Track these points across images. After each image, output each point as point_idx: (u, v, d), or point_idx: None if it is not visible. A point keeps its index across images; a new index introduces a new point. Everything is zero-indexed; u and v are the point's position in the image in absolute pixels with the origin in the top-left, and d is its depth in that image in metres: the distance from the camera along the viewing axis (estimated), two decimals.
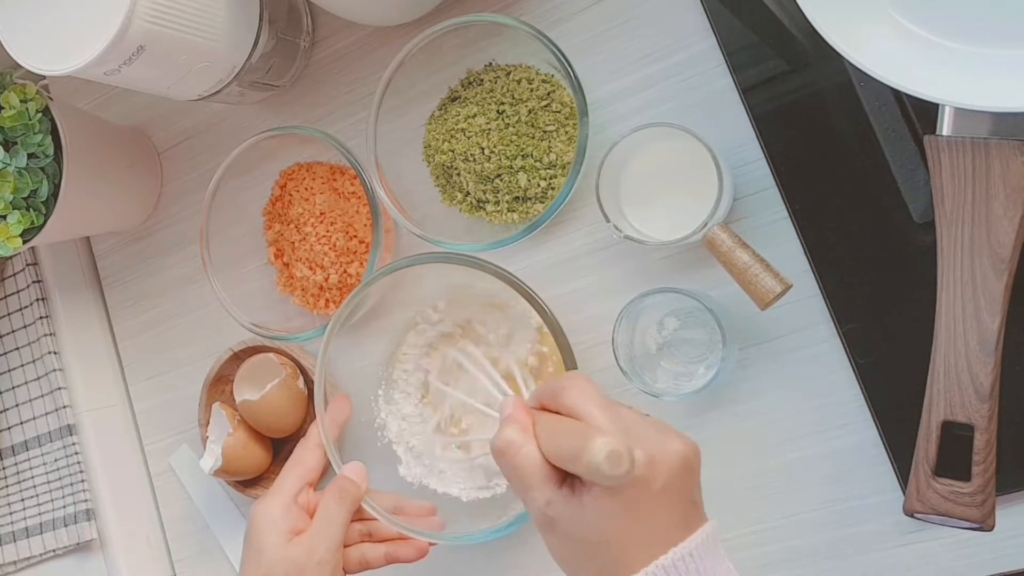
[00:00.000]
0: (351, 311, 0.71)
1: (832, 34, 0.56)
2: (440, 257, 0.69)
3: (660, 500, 0.47)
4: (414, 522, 0.70)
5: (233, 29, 0.72)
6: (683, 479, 0.48)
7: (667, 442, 0.48)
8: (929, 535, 0.63)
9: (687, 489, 0.48)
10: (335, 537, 0.65)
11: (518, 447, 0.48)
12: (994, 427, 0.55)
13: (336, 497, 0.67)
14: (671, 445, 0.48)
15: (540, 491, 0.48)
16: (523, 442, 0.49)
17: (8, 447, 0.91)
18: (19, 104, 0.77)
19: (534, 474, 0.48)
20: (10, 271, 0.92)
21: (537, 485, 0.48)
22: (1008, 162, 0.54)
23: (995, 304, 0.55)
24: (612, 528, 0.47)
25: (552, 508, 0.48)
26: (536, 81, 0.73)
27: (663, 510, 0.47)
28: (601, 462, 0.44)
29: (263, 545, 0.65)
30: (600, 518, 0.47)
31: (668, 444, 0.48)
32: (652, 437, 0.48)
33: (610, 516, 0.46)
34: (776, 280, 0.61)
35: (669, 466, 0.47)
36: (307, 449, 0.71)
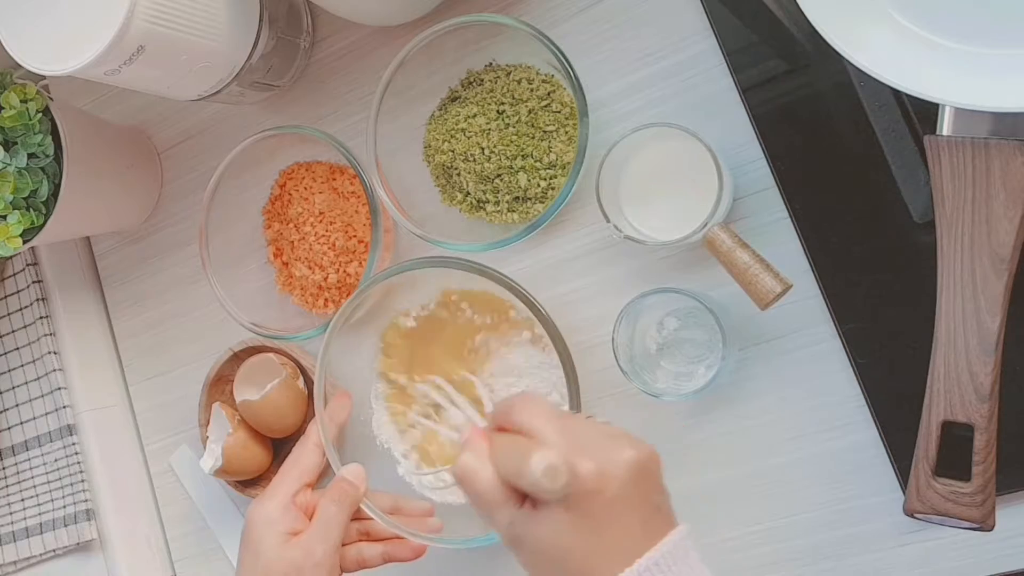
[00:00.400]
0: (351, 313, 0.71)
1: (832, 34, 0.56)
2: (442, 262, 0.69)
3: (616, 510, 0.47)
4: (411, 523, 0.70)
5: (233, 29, 0.72)
6: (637, 485, 0.47)
7: (617, 450, 0.48)
8: (929, 535, 0.63)
9: (645, 496, 0.48)
10: (333, 539, 0.65)
11: (475, 472, 0.49)
12: (994, 427, 0.55)
13: (335, 499, 0.67)
14: (621, 453, 0.47)
15: (501, 513, 0.48)
16: (479, 467, 0.49)
17: (8, 447, 0.91)
18: (19, 104, 0.77)
19: (493, 497, 0.48)
20: (10, 271, 0.92)
21: (497, 507, 0.48)
22: (1008, 162, 0.54)
23: (995, 304, 0.55)
24: (572, 542, 0.47)
25: (514, 528, 0.48)
26: (536, 81, 0.73)
27: (620, 519, 0.47)
28: (539, 478, 0.45)
29: (261, 546, 0.65)
30: (559, 533, 0.47)
31: (617, 452, 0.47)
32: (601, 446, 0.48)
33: (568, 530, 0.47)
34: (776, 280, 0.61)
35: (619, 475, 0.47)
36: (305, 449, 0.71)
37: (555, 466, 0.45)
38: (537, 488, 0.46)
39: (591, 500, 0.46)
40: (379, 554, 0.70)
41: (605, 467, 0.47)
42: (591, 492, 0.46)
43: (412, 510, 0.71)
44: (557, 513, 0.47)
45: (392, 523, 0.68)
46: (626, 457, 0.47)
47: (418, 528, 0.69)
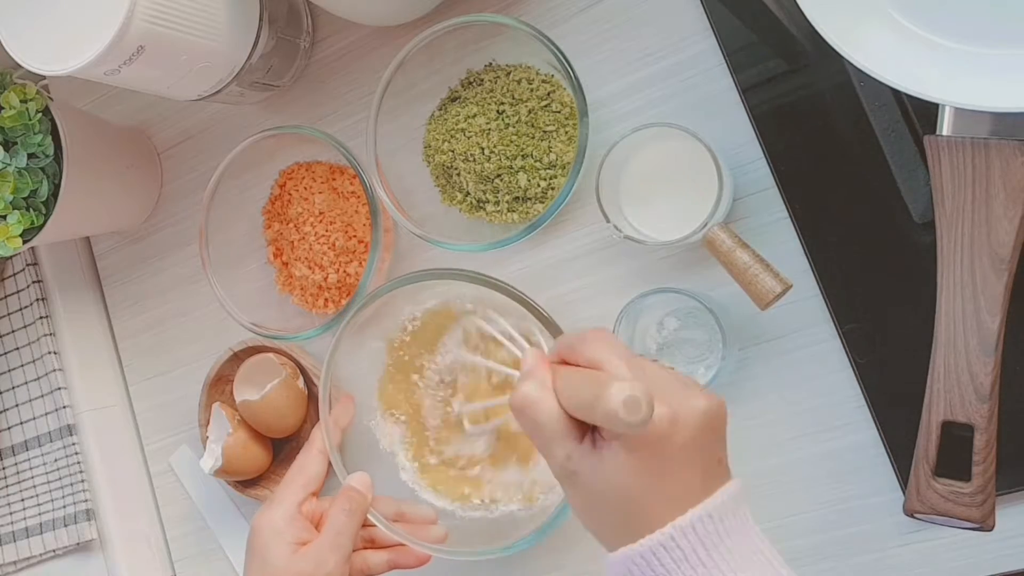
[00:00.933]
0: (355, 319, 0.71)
1: (832, 34, 0.56)
2: (454, 274, 0.68)
3: (681, 458, 0.46)
4: (414, 531, 0.69)
5: (233, 29, 0.72)
6: (706, 437, 0.46)
7: (691, 398, 0.46)
8: (929, 535, 0.63)
9: (710, 447, 0.47)
10: (344, 549, 0.65)
11: (536, 402, 0.47)
12: (994, 427, 0.55)
13: (346, 509, 0.66)
14: (694, 401, 0.46)
15: (560, 446, 0.47)
16: (542, 396, 0.47)
17: (8, 447, 0.91)
18: (19, 104, 0.77)
19: (554, 428, 0.47)
20: (10, 271, 0.92)
21: (557, 440, 0.47)
22: (1008, 162, 0.54)
23: (995, 304, 0.55)
24: (631, 484, 0.45)
25: (572, 463, 0.47)
26: (536, 81, 0.73)
27: (684, 468, 0.46)
28: (618, 408, 0.42)
29: (268, 556, 0.64)
30: (619, 474, 0.45)
31: (691, 400, 0.46)
32: (675, 392, 0.46)
33: (630, 472, 0.45)
34: (776, 280, 0.61)
35: (691, 423, 0.46)
36: (310, 457, 0.71)
37: (636, 398, 0.42)
38: (613, 420, 0.43)
39: (659, 445, 0.45)
40: (384, 562, 0.69)
41: (679, 413, 0.46)
42: (661, 437, 0.45)
43: (416, 516, 0.71)
44: (620, 454, 0.45)
45: (396, 531, 0.68)
46: (699, 405, 0.46)
47: (422, 535, 0.69)
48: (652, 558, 0.44)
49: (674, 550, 0.44)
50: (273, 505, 0.67)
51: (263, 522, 0.66)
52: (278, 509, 0.67)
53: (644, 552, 0.45)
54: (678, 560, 0.44)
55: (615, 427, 0.44)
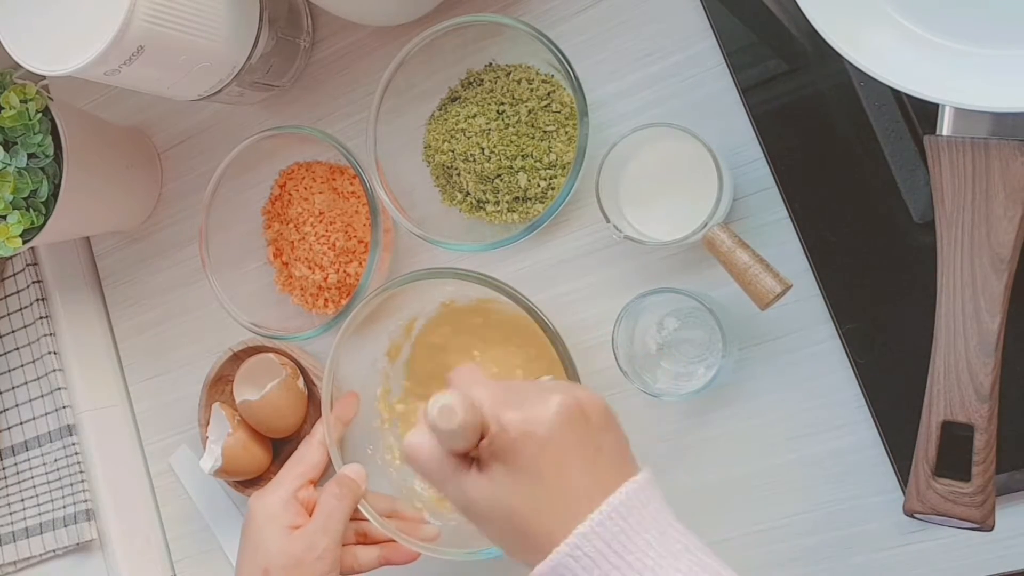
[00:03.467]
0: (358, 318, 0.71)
1: (832, 34, 0.56)
2: (455, 274, 0.68)
3: (548, 454, 0.45)
4: (406, 528, 0.69)
5: (233, 29, 0.72)
6: (570, 427, 0.46)
7: (543, 397, 0.47)
8: (929, 535, 0.63)
9: (579, 438, 0.46)
10: (335, 532, 0.65)
11: (417, 447, 0.48)
12: (994, 427, 0.55)
13: (336, 494, 0.67)
14: (547, 399, 0.46)
15: (449, 483, 0.48)
16: (420, 441, 0.48)
17: (8, 447, 0.91)
18: (19, 104, 0.77)
19: (438, 468, 0.48)
20: (10, 271, 0.92)
21: (446, 478, 0.48)
22: (1008, 162, 0.54)
23: (995, 304, 0.55)
24: (514, 498, 0.46)
25: (462, 495, 0.47)
26: (536, 81, 0.73)
27: (558, 465, 0.46)
28: (435, 418, 0.45)
29: (261, 538, 0.65)
30: (501, 491, 0.46)
31: (543, 399, 0.47)
32: (529, 397, 0.47)
33: (509, 485, 0.46)
34: (776, 280, 0.61)
35: (545, 418, 0.46)
36: (311, 446, 0.71)
37: (449, 405, 0.44)
38: (437, 431, 0.45)
39: (522, 448, 0.46)
40: (375, 557, 0.70)
41: (529, 413, 0.46)
42: (519, 439, 0.45)
43: (409, 514, 0.71)
44: (496, 471, 0.46)
45: (387, 526, 0.68)
46: (552, 401, 0.46)
47: (414, 533, 0.69)
48: (564, 570, 0.44)
49: (582, 558, 0.44)
50: (270, 489, 0.68)
51: (258, 505, 0.67)
52: (274, 493, 0.67)
53: (554, 566, 0.44)
54: (588, 567, 0.44)
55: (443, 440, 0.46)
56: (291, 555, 0.64)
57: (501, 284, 0.66)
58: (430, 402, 0.45)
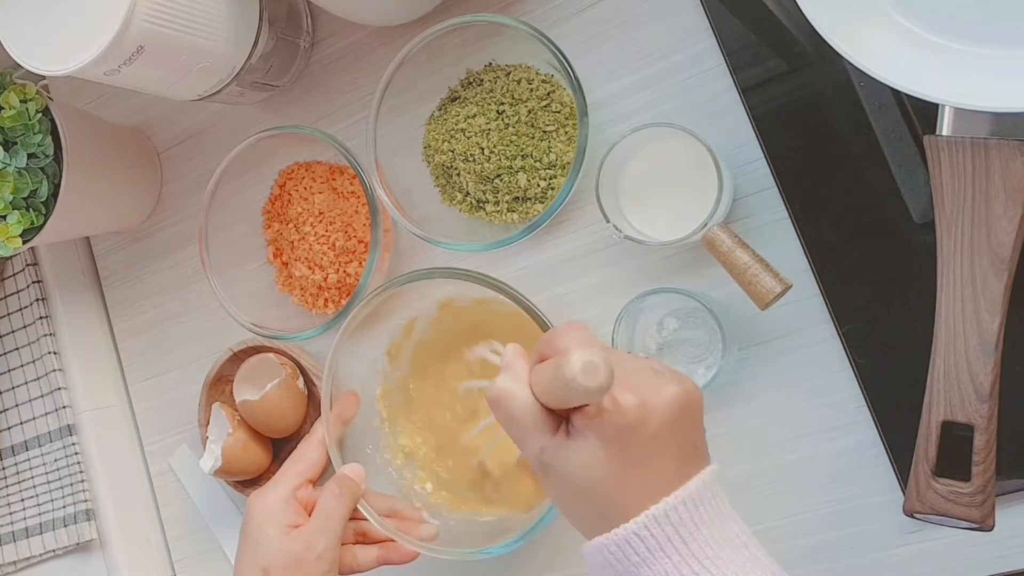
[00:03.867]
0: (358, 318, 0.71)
1: (832, 34, 0.56)
2: (456, 273, 0.68)
3: (653, 445, 0.46)
4: (405, 527, 0.69)
5: (233, 29, 0.72)
6: (678, 423, 0.46)
7: (661, 385, 0.46)
8: (929, 535, 0.63)
9: (683, 434, 0.47)
10: (334, 532, 0.65)
11: (510, 394, 0.48)
12: (994, 427, 0.55)
13: (336, 493, 0.67)
14: (665, 388, 0.46)
15: (534, 438, 0.47)
16: (515, 389, 0.48)
17: (8, 447, 0.91)
18: (19, 104, 0.77)
19: (527, 420, 0.47)
20: (10, 271, 0.92)
21: (531, 431, 0.47)
22: (1008, 162, 0.54)
23: (995, 304, 0.55)
24: (604, 475, 0.46)
25: (546, 454, 0.47)
26: (536, 81, 0.73)
27: (657, 456, 0.46)
28: (576, 373, 0.42)
29: (261, 537, 0.65)
30: (592, 464, 0.46)
31: (661, 388, 0.46)
32: (645, 380, 0.47)
33: (602, 462, 0.46)
34: (776, 280, 0.61)
35: (661, 410, 0.46)
36: (311, 445, 0.71)
37: (595, 363, 0.42)
38: (574, 388, 0.43)
39: (630, 434, 0.45)
40: (374, 557, 0.70)
41: (648, 401, 0.46)
42: (631, 425, 0.45)
43: (408, 513, 0.71)
44: (593, 444, 0.46)
45: (386, 525, 0.68)
46: (670, 393, 0.46)
47: (413, 533, 0.69)
48: (627, 547, 0.45)
49: (648, 539, 0.44)
50: (269, 488, 0.68)
51: (258, 504, 0.67)
52: (274, 492, 0.67)
53: (619, 541, 0.45)
54: (652, 549, 0.44)
55: (575, 396, 0.44)
56: (290, 554, 0.64)
57: (501, 284, 0.66)
58: (573, 357, 0.43)
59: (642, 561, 0.44)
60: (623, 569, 0.45)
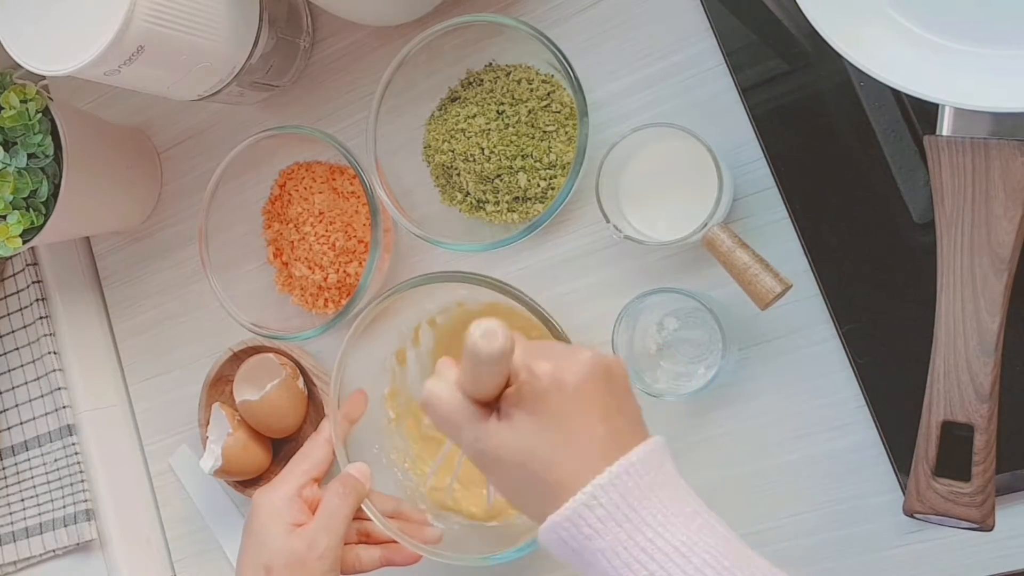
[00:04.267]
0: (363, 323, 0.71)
1: (832, 34, 0.56)
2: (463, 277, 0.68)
3: (574, 404, 0.47)
4: (409, 528, 0.69)
5: (233, 29, 0.72)
6: (596, 382, 0.48)
7: (575, 352, 0.49)
8: (929, 535, 0.63)
9: (603, 396, 0.48)
10: (337, 531, 0.65)
11: (437, 394, 0.50)
12: (994, 427, 0.55)
13: (340, 492, 0.67)
14: (579, 354, 0.48)
15: (467, 430, 0.49)
16: (441, 388, 0.50)
17: (8, 447, 0.91)
18: (19, 104, 0.77)
19: (458, 416, 0.49)
20: (10, 271, 0.92)
21: (463, 425, 0.49)
22: (1008, 162, 0.54)
23: (995, 304, 0.55)
24: (534, 442, 0.47)
25: (480, 442, 0.48)
26: (536, 81, 0.73)
27: (581, 418, 0.47)
28: (476, 340, 0.45)
29: (265, 535, 0.65)
30: (522, 436, 0.47)
31: (575, 353, 0.48)
32: (560, 351, 0.49)
33: (531, 431, 0.47)
34: (776, 280, 0.61)
35: (576, 370, 0.47)
36: (317, 444, 0.71)
37: (492, 328, 0.45)
38: (474, 355, 0.45)
39: (550, 397, 0.47)
40: (377, 558, 0.70)
41: (561, 363, 0.48)
42: (548, 389, 0.47)
43: (412, 515, 0.71)
44: (520, 419, 0.47)
45: (390, 527, 0.68)
46: (585, 355, 0.48)
47: (417, 535, 0.69)
48: (579, 520, 0.45)
49: (596, 508, 0.45)
50: (274, 485, 0.68)
51: (263, 501, 0.67)
52: (279, 490, 0.67)
53: (570, 515, 0.45)
54: (603, 518, 0.45)
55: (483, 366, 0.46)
56: (293, 553, 0.64)
57: (514, 289, 0.66)
58: (472, 326, 0.45)
59: (595, 533, 0.45)
60: (578, 546, 0.45)
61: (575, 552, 0.46)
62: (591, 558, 0.45)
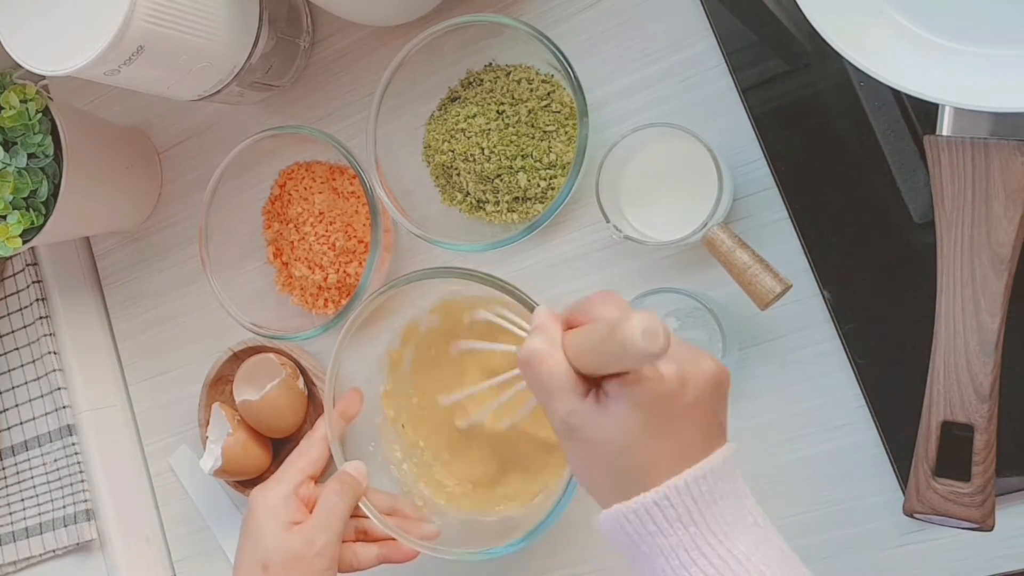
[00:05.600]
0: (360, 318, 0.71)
1: (832, 34, 0.56)
2: (460, 273, 0.68)
3: (686, 417, 0.46)
4: (407, 526, 0.69)
5: (233, 29, 0.72)
6: (711, 398, 0.47)
7: (700, 359, 0.47)
8: (929, 535, 0.63)
9: (713, 409, 0.48)
10: (334, 529, 0.65)
11: (544, 355, 0.47)
12: (994, 427, 0.55)
13: (337, 490, 0.67)
14: (704, 362, 0.47)
15: (563, 400, 0.47)
16: (548, 349, 0.48)
17: (8, 447, 0.91)
18: (19, 104, 0.77)
19: (559, 381, 0.47)
20: (10, 271, 0.92)
21: (561, 394, 0.47)
22: (1008, 162, 0.54)
23: (995, 304, 0.55)
24: (635, 439, 0.46)
25: (574, 417, 0.47)
26: (536, 81, 0.73)
27: (688, 427, 0.46)
28: (636, 336, 0.42)
29: (261, 533, 0.65)
30: (623, 429, 0.46)
31: (700, 361, 0.47)
32: (683, 352, 0.47)
33: (633, 427, 0.46)
34: (776, 280, 0.61)
35: (699, 383, 0.46)
36: (313, 442, 0.72)
37: (655, 328, 0.42)
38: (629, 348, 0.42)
39: (667, 403, 0.46)
40: (374, 556, 0.70)
41: (688, 372, 0.46)
42: (670, 394, 0.46)
43: (410, 512, 0.71)
44: (627, 409, 0.46)
45: (387, 524, 0.68)
46: (709, 366, 0.47)
47: (414, 532, 0.69)
48: (646, 516, 0.45)
49: (667, 508, 0.45)
50: (271, 484, 0.68)
51: (260, 500, 0.67)
52: (276, 488, 0.68)
53: (637, 509, 0.45)
54: (671, 519, 0.45)
55: (628, 360, 0.44)
56: (290, 551, 0.64)
57: (506, 284, 0.66)
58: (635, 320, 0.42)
59: (659, 531, 0.45)
60: (639, 539, 0.45)
61: (633, 543, 0.46)
62: (649, 552, 0.45)
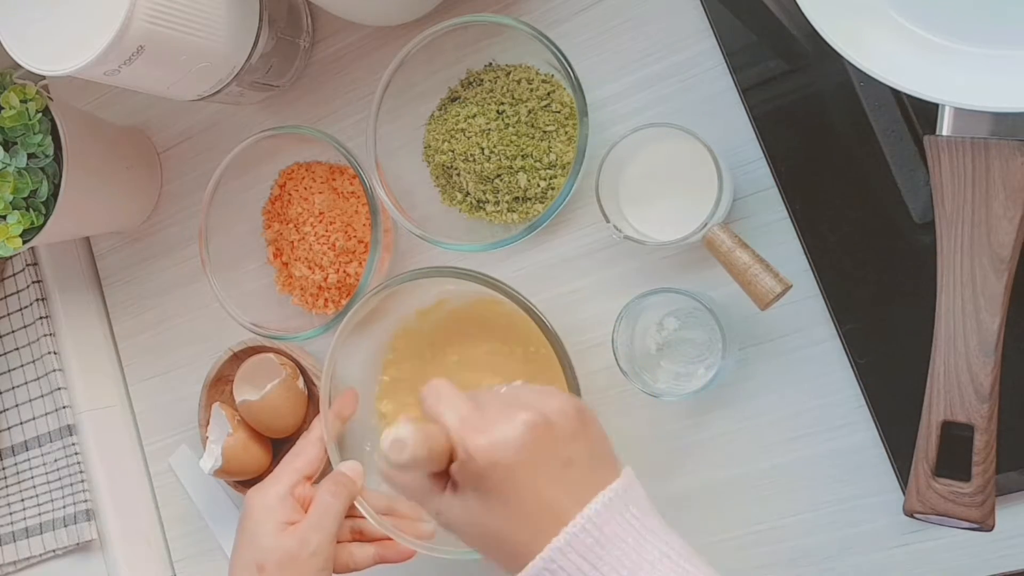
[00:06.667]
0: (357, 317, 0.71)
1: (832, 34, 0.56)
2: (456, 272, 0.68)
3: (516, 477, 0.46)
4: (403, 525, 0.69)
5: (233, 29, 0.72)
6: (535, 446, 0.46)
7: (510, 416, 0.47)
8: (929, 535, 0.63)
9: (546, 455, 0.47)
10: (329, 529, 0.66)
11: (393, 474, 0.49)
12: (994, 427, 0.55)
13: (331, 490, 0.67)
14: (514, 417, 0.47)
15: (428, 503, 0.49)
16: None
17: (8, 447, 0.91)
18: (19, 104, 0.77)
19: (415, 490, 0.49)
20: (10, 271, 0.92)
21: (424, 499, 0.49)
22: (1008, 162, 0.54)
23: (995, 304, 0.55)
24: (486, 520, 0.47)
25: (442, 515, 0.49)
26: (536, 81, 0.73)
27: (525, 485, 0.46)
28: (387, 452, 0.45)
29: (257, 532, 0.65)
30: (474, 514, 0.47)
31: (510, 418, 0.47)
32: (495, 416, 0.47)
33: (480, 509, 0.47)
34: (776, 280, 0.61)
35: (510, 440, 0.46)
36: (309, 442, 0.72)
37: (400, 439, 0.45)
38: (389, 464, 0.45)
39: (490, 474, 0.46)
40: (371, 556, 0.70)
41: (495, 437, 0.46)
42: (488, 466, 0.46)
43: (406, 511, 0.71)
44: (468, 496, 0.47)
45: (383, 523, 0.68)
46: (517, 421, 0.47)
47: (410, 531, 0.69)
48: None
49: (557, 572, 0.44)
50: (267, 484, 0.68)
51: (255, 499, 0.67)
52: (271, 488, 0.68)
53: None
54: None
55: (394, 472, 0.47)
56: (285, 551, 0.64)
57: (500, 284, 0.66)
58: (383, 435, 0.45)
59: None
60: None
61: None
62: None
